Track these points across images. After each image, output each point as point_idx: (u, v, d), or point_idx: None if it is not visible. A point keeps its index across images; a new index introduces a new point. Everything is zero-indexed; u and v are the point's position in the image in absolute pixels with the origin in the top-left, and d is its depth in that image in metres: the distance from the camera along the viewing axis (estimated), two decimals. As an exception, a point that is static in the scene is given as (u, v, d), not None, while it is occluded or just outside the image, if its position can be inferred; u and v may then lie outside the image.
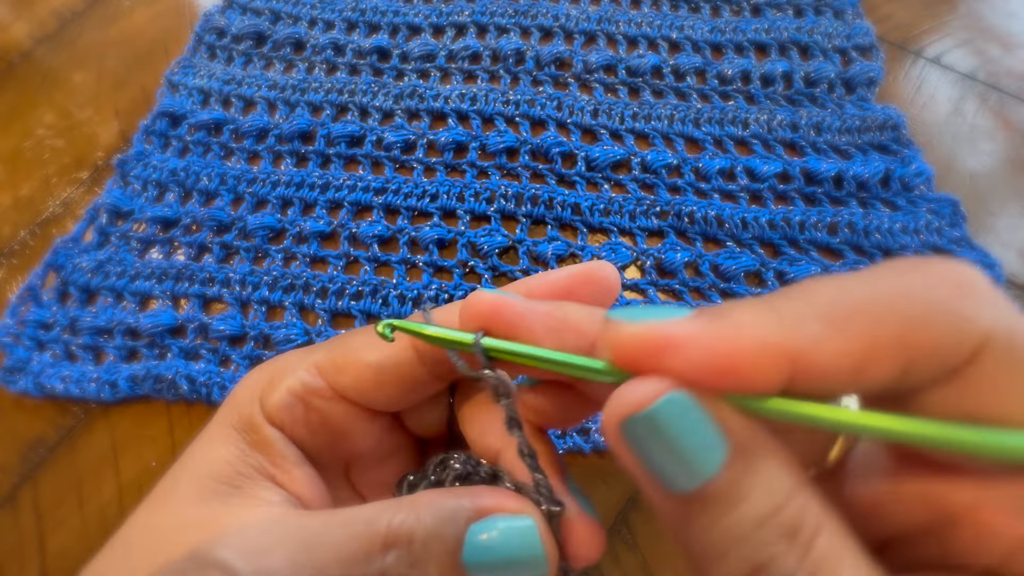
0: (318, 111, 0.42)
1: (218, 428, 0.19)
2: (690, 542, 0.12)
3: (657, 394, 0.11)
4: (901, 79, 0.42)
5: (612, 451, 0.13)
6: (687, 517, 0.12)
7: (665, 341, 0.11)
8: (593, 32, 0.44)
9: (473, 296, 0.15)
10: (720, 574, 0.11)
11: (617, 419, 0.12)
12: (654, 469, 0.12)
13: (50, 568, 0.29)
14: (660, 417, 0.11)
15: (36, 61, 0.46)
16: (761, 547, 0.11)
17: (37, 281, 0.36)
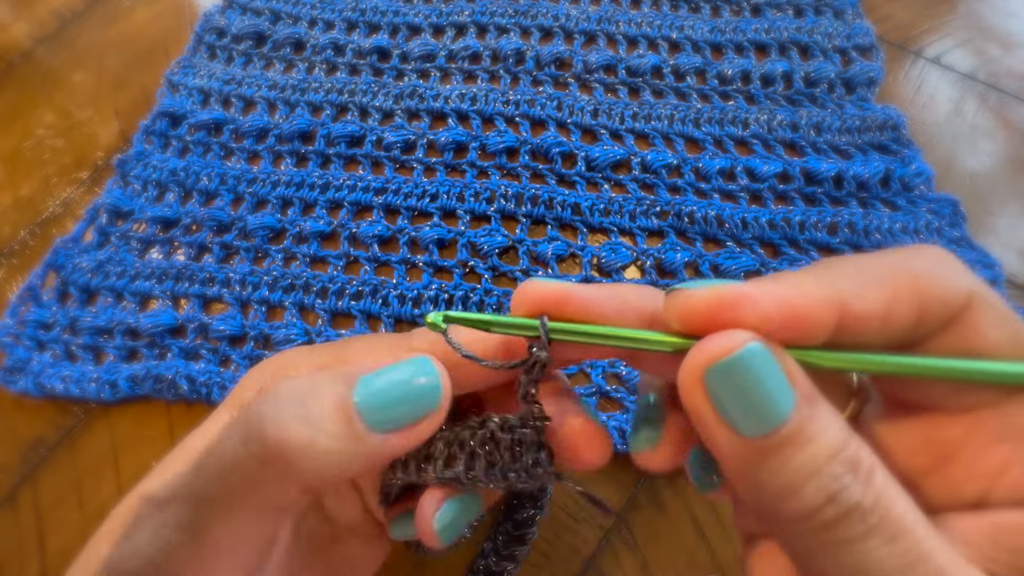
0: (318, 111, 0.42)
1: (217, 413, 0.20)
2: (761, 485, 0.13)
3: (741, 343, 0.12)
4: (901, 79, 0.42)
5: (686, 403, 0.13)
6: (760, 460, 0.12)
7: (738, 298, 0.13)
8: (593, 32, 0.44)
9: (529, 285, 0.15)
10: (794, 507, 0.12)
11: (701, 368, 0.13)
12: (731, 415, 0.13)
13: (50, 568, 0.29)
14: (742, 364, 0.12)
15: (36, 61, 0.46)
16: (832, 479, 0.12)
17: (37, 281, 0.36)
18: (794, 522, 0.12)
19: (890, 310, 0.13)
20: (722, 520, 0.29)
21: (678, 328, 0.14)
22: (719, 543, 0.29)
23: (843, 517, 0.12)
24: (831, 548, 0.12)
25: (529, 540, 0.25)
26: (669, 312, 0.14)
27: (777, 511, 0.13)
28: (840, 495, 0.12)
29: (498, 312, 0.34)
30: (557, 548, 0.29)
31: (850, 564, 0.12)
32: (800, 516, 0.12)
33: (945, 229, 0.35)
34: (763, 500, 0.13)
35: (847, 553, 0.12)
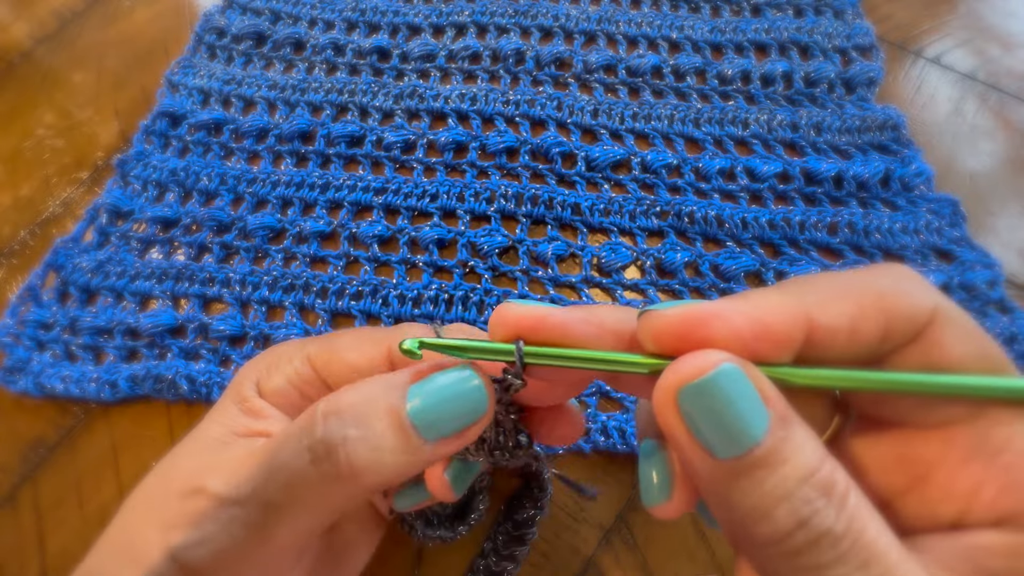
0: (318, 111, 0.42)
1: (218, 406, 0.21)
2: (733, 506, 0.12)
3: (714, 363, 0.12)
4: (901, 79, 0.42)
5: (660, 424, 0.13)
6: (732, 481, 0.12)
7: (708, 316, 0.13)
8: (593, 32, 0.44)
9: (505, 309, 0.15)
10: (765, 531, 0.12)
11: (674, 389, 0.13)
12: (704, 437, 0.12)
13: (50, 568, 0.29)
14: (715, 385, 0.12)
15: (36, 61, 0.46)
16: (804, 503, 0.12)
17: (37, 281, 0.36)
18: (765, 546, 0.12)
19: (856, 325, 0.13)
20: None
21: (652, 349, 0.14)
22: (719, 543, 0.29)
23: (813, 543, 0.12)
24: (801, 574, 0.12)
25: (529, 540, 0.25)
26: (642, 333, 0.14)
27: (749, 533, 0.12)
28: (811, 520, 0.12)
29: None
30: (557, 548, 0.29)
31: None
32: (771, 540, 0.12)
33: (945, 229, 0.35)
34: (734, 521, 0.13)
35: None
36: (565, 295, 0.35)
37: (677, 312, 0.13)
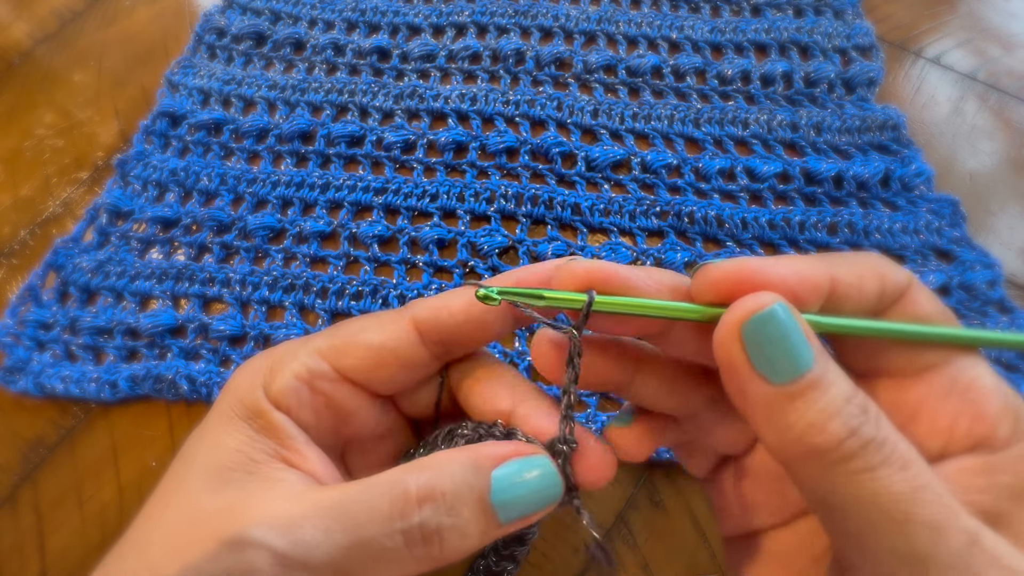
0: (318, 111, 0.42)
1: (219, 420, 0.20)
2: (789, 425, 0.14)
3: (772, 300, 0.15)
4: (901, 79, 0.42)
5: (722, 356, 0.15)
6: (788, 403, 0.14)
7: (762, 266, 0.15)
8: (593, 32, 0.44)
9: (575, 264, 0.17)
10: (822, 441, 0.14)
11: (739, 321, 0.15)
12: (764, 364, 0.14)
13: (50, 568, 0.29)
14: (775, 317, 0.14)
15: (36, 61, 0.46)
16: (851, 417, 0.14)
17: (37, 281, 0.36)
18: (820, 455, 0.14)
19: (862, 283, 0.16)
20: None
21: (708, 297, 0.16)
22: (719, 543, 0.29)
23: (862, 449, 0.14)
24: (851, 478, 0.14)
25: (529, 540, 0.25)
26: (701, 282, 0.16)
27: (804, 448, 0.14)
28: (859, 430, 0.14)
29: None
30: (557, 548, 0.29)
31: (870, 490, 0.14)
32: (826, 448, 0.14)
33: (945, 229, 0.35)
34: (789, 440, 0.14)
35: (867, 480, 0.14)
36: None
37: (732, 263, 0.16)
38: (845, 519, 0.14)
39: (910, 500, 0.14)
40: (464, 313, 0.19)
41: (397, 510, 0.17)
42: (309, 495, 0.18)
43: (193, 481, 0.18)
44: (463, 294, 0.20)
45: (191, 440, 0.20)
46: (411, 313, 0.20)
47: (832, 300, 0.16)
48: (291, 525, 0.17)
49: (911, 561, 0.14)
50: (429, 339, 0.20)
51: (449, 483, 0.17)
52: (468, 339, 0.20)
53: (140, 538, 0.18)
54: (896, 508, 0.14)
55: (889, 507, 0.14)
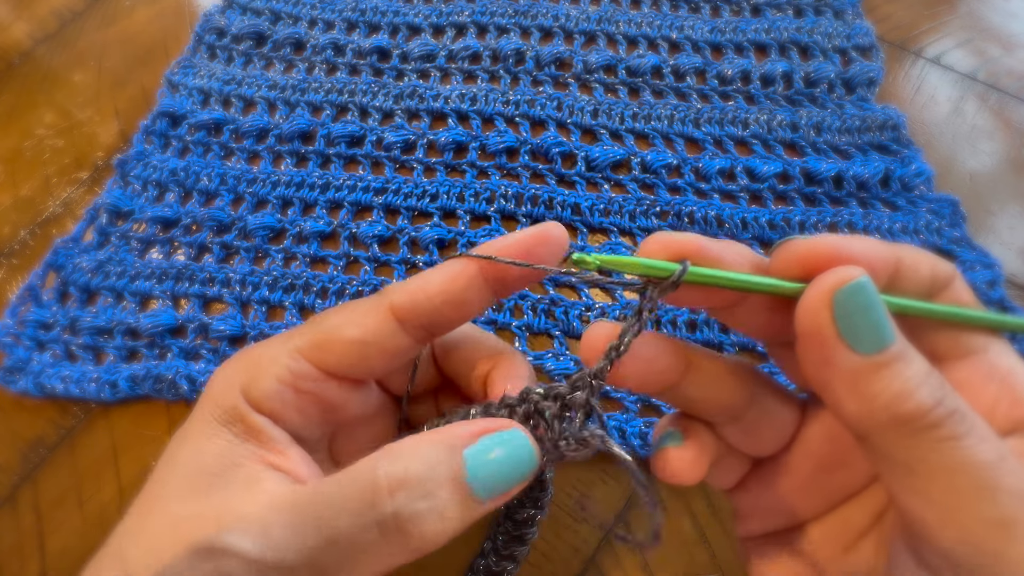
0: (318, 111, 0.42)
1: (200, 425, 0.19)
2: (875, 394, 0.15)
3: (860, 273, 0.15)
4: (901, 79, 0.42)
5: (809, 326, 0.15)
6: (875, 372, 0.15)
7: (841, 243, 0.16)
8: (593, 32, 0.44)
9: (666, 236, 0.17)
10: (911, 408, 0.14)
11: (831, 289, 0.15)
12: (851, 334, 0.15)
13: (50, 568, 0.29)
14: (865, 288, 0.15)
15: (36, 61, 0.46)
16: (936, 388, 0.15)
17: (37, 281, 0.36)
18: (907, 423, 0.14)
19: (918, 267, 0.17)
20: (722, 520, 0.29)
21: (793, 270, 0.16)
22: (719, 543, 0.29)
23: (948, 418, 0.14)
24: (938, 445, 0.14)
25: (529, 540, 0.25)
26: (784, 256, 0.17)
27: (891, 416, 0.15)
28: (945, 399, 0.14)
29: (500, 311, 0.34)
30: (557, 548, 0.29)
31: (957, 458, 0.14)
32: (914, 416, 0.14)
33: (945, 229, 0.35)
34: (876, 407, 0.15)
35: (955, 448, 0.14)
36: (565, 295, 0.35)
37: (815, 239, 0.16)
38: (931, 486, 0.14)
39: (997, 468, 0.14)
40: (443, 295, 0.19)
41: (367, 501, 0.16)
42: (280, 495, 0.17)
43: (174, 487, 0.18)
44: (440, 274, 0.20)
45: (172, 446, 0.19)
46: (389, 300, 0.20)
47: (893, 279, 0.17)
48: (263, 528, 0.16)
49: (999, 526, 0.14)
50: (410, 325, 0.20)
51: (421, 466, 0.17)
52: (448, 320, 0.20)
53: (119, 545, 0.18)
54: (984, 476, 0.14)
55: (976, 474, 0.14)
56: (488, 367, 0.21)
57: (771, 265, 0.17)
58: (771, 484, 0.20)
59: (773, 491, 0.20)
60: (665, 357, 0.18)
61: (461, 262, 0.20)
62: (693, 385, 0.18)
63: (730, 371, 0.19)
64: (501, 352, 0.21)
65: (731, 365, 0.19)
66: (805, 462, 0.20)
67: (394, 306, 0.20)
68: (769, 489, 0.20)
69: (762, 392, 0.19)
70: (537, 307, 0.34)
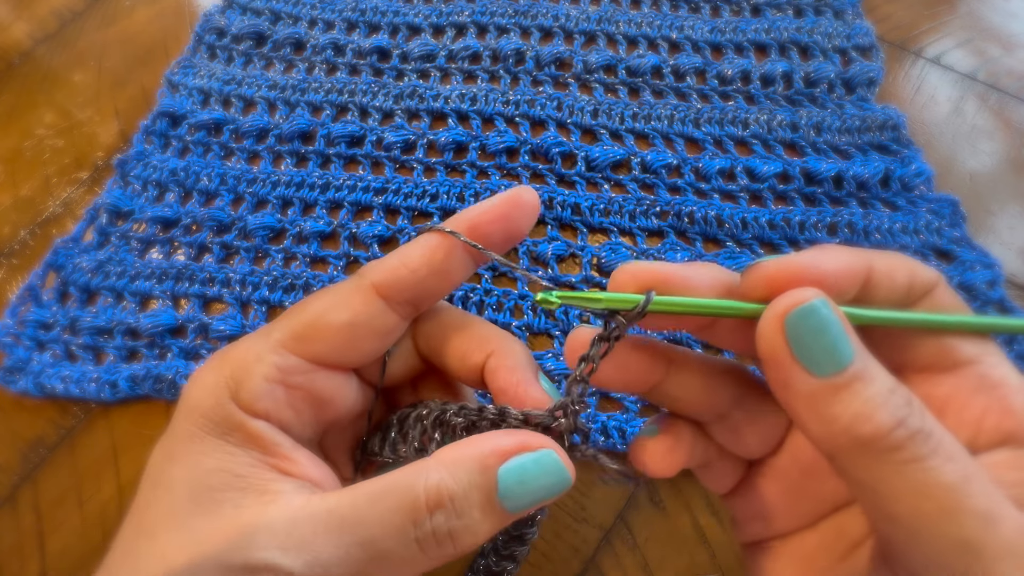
0: (318, 111, 0.42)
1: (188, 441, 0.18)
2: (835, 417, 0.14)
3: (813, 295, 0.15)
4: (901, 79, 0.42)
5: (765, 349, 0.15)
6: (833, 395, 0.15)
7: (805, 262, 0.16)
8: (593, 32, 0.44)
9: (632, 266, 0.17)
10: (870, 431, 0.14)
11: (781, 314, 0.15)
12: (808, 357, 0.15)
13: (50, 568, 0.29)
14: (817, 310, 0.15)
15: (36, 61, 0.46)
16: (898, 408, 0.14)
17: (37, 281, 0.36)
18: (867, 445, 0.14)
19: (893, 275, 0.17)
20: (722, 520, 0.29)
21: (759, 292, 0.16)
22: (719, 543, 0.29)
23: (910, 439, 0.14)
24: (900, 467, 0.14)
25: (529, 540, 0.25)
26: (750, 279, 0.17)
27: (851, 438, 0.14)
28: (907, 420, 0.14)
29: (500, 311, 0.34)
30: (557, 548, 0.29)
31: (920, 480, 0.14)
32: (874, 438, 0.14)
33: (945, 229, 0.35)
34: (835, 431, 0.15)
35: (917, 470, 0.14)
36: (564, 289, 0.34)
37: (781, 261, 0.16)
38: (895, 508, 0.14)
39: (960, 490, 0.14)
40: (425, 267, 0.20)
41: (410, 520, 0.17)
42: (315, 508, 0.17)
43: (182, 508, 0.17)
44: (419, 247, 0.20)
45: (158, 467, 0.18)
46: (370, 280, 0.20)
47: (866, 290, 0.17)
48: (303, 543, 0.16)
49: (964, 549, 0.14)
50: (395, 301, 0.20)
51: (456, 486, 0.17)
52: (432, 292, 0.20)
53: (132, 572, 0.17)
54: (947, 497, 0.14)
55: (940, 496, 0.14)
56: (482, 355, 0.21)
57: (740, 287, 0.17)
58: (763, 489, 0.20)
59: (765, 496, 0.20)
60: (643, 361, 0.18)
61: (437, 235, 0.20)
62: (675, 384, 0.19)
63: (715, 371, 0.19)
64: (493, 338, 0.21)
65: (718, 365, 0.19)
66: (792, 468, 0.20)
67: (377, 284, 0.20)
68: (761, 494, 0.20)
69: (750, 393, 0.19)
70: (537, 307, 0.34)
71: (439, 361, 0.22)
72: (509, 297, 0.34)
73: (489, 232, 0.20)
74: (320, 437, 0.22)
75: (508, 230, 0.20)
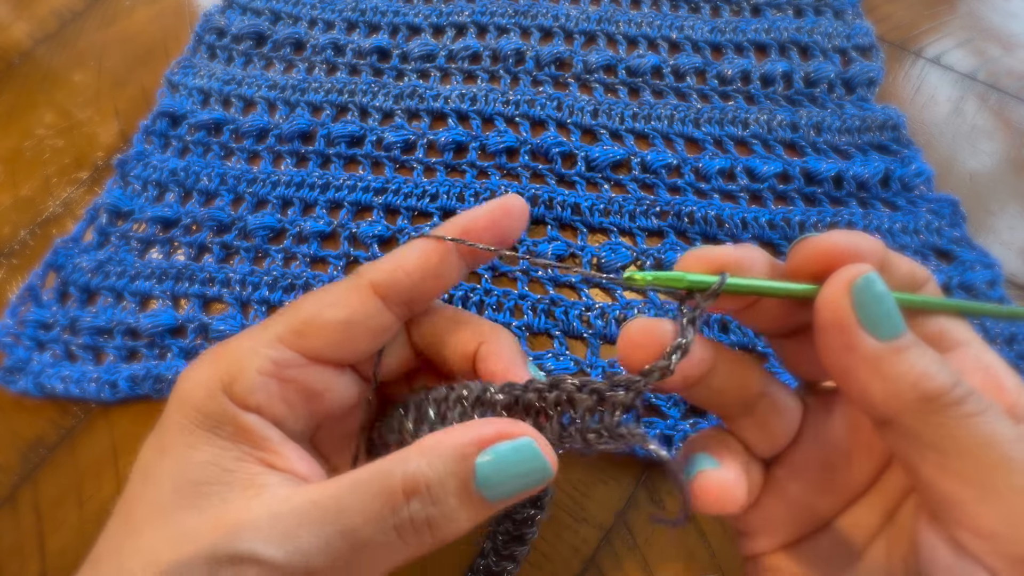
0: (318, 111, 0.42)
1: (179, 434, 0.18)
2: (899, 375, 0.15)
3: (870, 268, 0.16)
4: (901, 79, 0.42)
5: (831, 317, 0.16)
6: (896, 356, 0.15)
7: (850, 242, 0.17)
8: (593, 32, 0.44)
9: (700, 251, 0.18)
10: (935, 386, 0.15)
11: (849, 281, 0.16)
12: (870, 322, 0.16)
13: (50, 568, 0.29)
14: (876, 282, 0.16)
15: (36, 61, 0.46)
16: (952, 374, 0.15)
17: (37, 281, 0.36)
18: (934, 399, 0.15)
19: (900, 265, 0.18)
20: (722, 520, 0.29)
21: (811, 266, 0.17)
22: (719, 543, 0.29)
23: (967, 395, 0.15)
24: (966, 420, 0.15)
25: (529, 540, 0.25)
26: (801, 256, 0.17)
27: (919, 394, 0.15)
28: (961, 381, 0.15)
29: (500, 311, 0.34)
30: (557, 548, 0.29)
31: (986, 432, 0.15)
32: (941, 392, 0.15)
33: (945, 229, 0.35)
34: (903, 387, 0.15)
35: (981, 423, 0.15)
36: (565, 295, 0.35)
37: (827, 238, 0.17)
38: (963, 463, 0.15)
39: (1021, 442, 0.15)
40: (421, 270, 0.20)
41: (388, 507, 0.17)
42: (298, 500, 0.17)
43: (167, 502, 0.17)
44: (415, 251, 0.21)
45: (147, 460, 0.19)
46: (368, 279, 0.20)
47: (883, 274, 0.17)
48: (286, 534, 0.16)
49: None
50: (391, 301, 0.20)
51: (432, 474, 0.17)
52: (427, 293, 0.21)
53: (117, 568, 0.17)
54: (1012, 447, 0.15)
55: (1004, 447, 0.15)
56: (473, 345, 0.21)
57: (789, 263, 0.18)
58: (781, 491, 0.20)
59: (784, 498, 0.20)
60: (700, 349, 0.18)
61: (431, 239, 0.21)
62: (719, 376, 0.19)
63: (744, 362, 0.19)
64: (485, 328, 0.22)
65: (743, 357, 0.19)
66: (811, 460, 0.20)
67: (375, 284, 0.20)
68: (780, 497, 0.20)
69: (769, 383, 0.19)
70: (537, 307, 0.34)
71: (434, 352, 0.22)
72: (509, 297, 0.34)
73: (479, 239, 0.21)
74: (312, 432, 0.22)
75: (498, 235, 0.21)
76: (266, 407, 0.19)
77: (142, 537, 0.17)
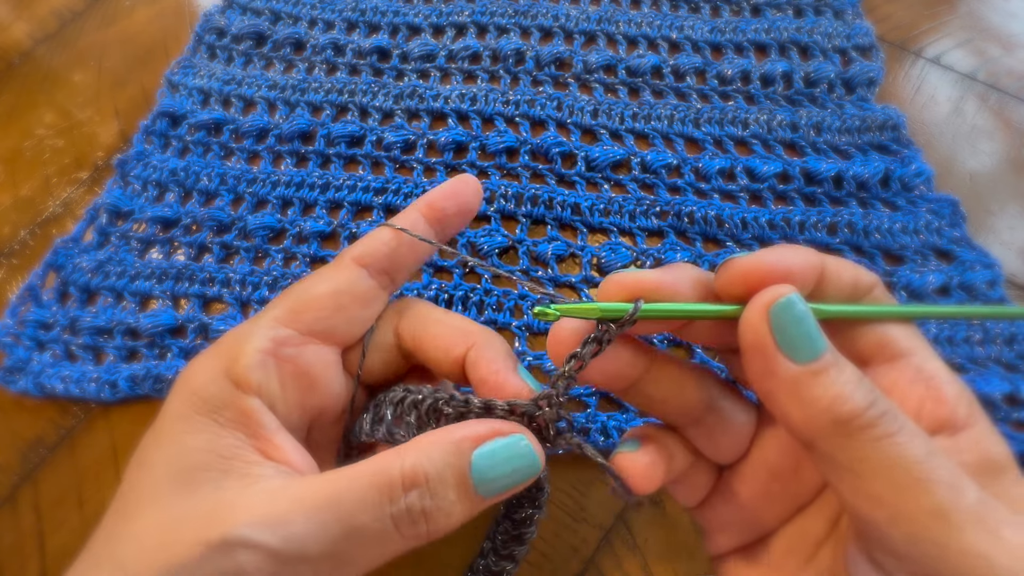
0: (318, 111, 0.42)
1: (177, 421, 0.19)
2: (815, 399, 0.16)
3: (790, 290, 0.16)
4: (901, 79, 0.42)
5: (750, 339, 0.16)
6: (813, 379, 0.16)
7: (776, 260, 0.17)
8: (593, 32, 0.44)
9: (619, 277, 0.18)
10: (848, 409, 0.15)
11: (766, 305, 0.16)
12: (787, 345, 0.16)
13: (50, 568, 0.29)
14: (795, 304, 0.16)
15: (36, 61, 0.46)
16: (869, 391, 0.16)
17: (37, 281, 0.36)
18: (846, 423, 0.15)
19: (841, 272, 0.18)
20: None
21: (736, 287, 0.17)
22: (719, 543, 0.29)
23: (882, 416, 0.15)
24: (877, 443, 0.15)
25: (528, 540, 0.25)
26: (726, 276, 0.18)
27: (832, 418, 0.15)
28: (877, 400, 0.15)
29: (500, 311, 0.34)
30: (557, 548, 0.29)
31: (894, 454, 0.15)
32: (852, 416, 0.15)
33: (945, 229, 0.35)
34: (817, 411, 0.16)
35: (891, 445, 0.15)
36: (565, 295, 0.35)
37: (751, 258, 0.17)
38: (873, 485, 0.15)
39: (929, 462, 0.15)
40: (396, 239, 0.23)
41: (386, 497, 0.17)
42: (295, 489, 0.18)
43: (161, 488, 0.18)
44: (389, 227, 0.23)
45: (146, 447, 0.19)
46: (348, 256, 0.22)
47: (820, 286, 0.18)
48: (281, 521, 0.17)
49: (936, 515, 0.15)
50: (373, 269, 0.22)
51: (432, 467, 0.18)
52: (405, 262, 0.23)
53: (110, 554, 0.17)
54: (919, 468, 0.15)
55: (912, 468, 0.15)
56: (462, 349, 0.22)
57: (716, 283, 0.18)
58: (732, 496, 0.21)
59: (735, 503, 0.21)
60: (624, 357, 0.19)
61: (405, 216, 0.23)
62: (653, 384, 0.19)
63: (690, 374, 0.20)
64: (474, 333, 0.22)
65: (691, 369, 0.20)
66: (761, 470, 0.20)
67: (355, 256, 0.22)
68: (731, 502, 0.21)
69: (721, 396, 0.20)
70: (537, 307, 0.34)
71: (422, 355, 0.23)
72: (509, 297, 0.34)
73: (444, 207, 0.23)
74: (307, 429, 0.23)
75: (459, 204, 0.24)
76: (264, 387, 0.20)
77: (136, 523, 0.18)
